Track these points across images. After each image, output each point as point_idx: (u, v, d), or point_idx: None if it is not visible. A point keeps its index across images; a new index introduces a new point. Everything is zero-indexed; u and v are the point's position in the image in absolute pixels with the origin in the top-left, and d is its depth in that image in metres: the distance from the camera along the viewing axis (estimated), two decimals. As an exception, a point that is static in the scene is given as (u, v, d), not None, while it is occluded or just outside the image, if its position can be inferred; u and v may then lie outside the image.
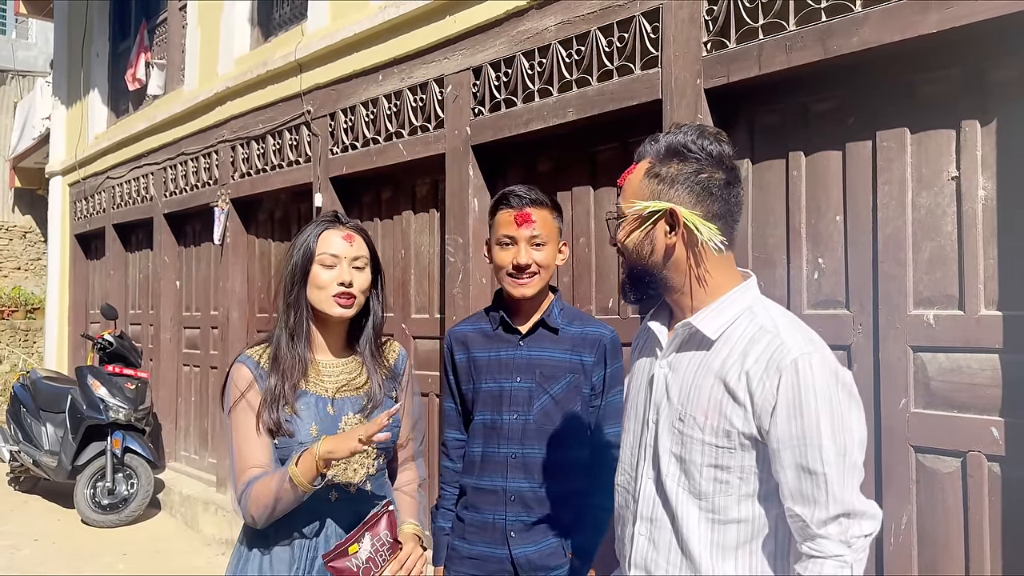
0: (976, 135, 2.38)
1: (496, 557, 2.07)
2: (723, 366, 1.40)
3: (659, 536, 1.46)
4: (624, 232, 1.48)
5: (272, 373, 1.87)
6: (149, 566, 5.13)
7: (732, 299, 1.45)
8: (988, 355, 2.33)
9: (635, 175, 1.48)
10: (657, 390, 1.50)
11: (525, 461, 2.07)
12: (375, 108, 4.54)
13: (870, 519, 1.34)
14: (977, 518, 2.33)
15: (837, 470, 1.32)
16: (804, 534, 1.35)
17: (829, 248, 2.69)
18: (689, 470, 1.42)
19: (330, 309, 1.89)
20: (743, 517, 1.40)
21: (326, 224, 1.94)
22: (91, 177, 8.51)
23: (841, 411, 1.33)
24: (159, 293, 7.09)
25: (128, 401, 6.10)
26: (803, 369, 1.33)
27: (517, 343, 2.13)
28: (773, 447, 1.35)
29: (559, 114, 3.43)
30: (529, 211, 2.07)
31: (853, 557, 1.32)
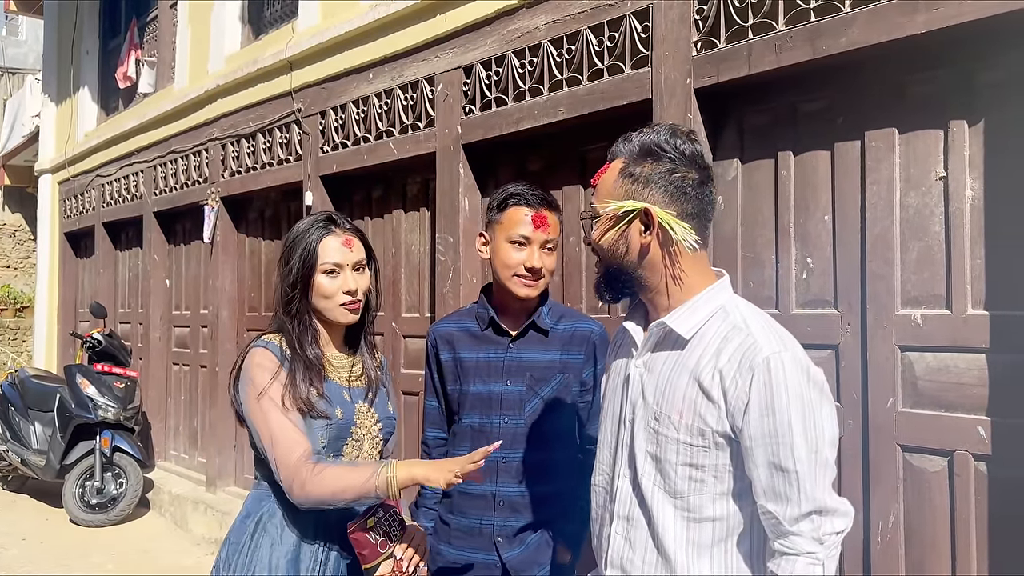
0: (964, 135, 2.39)
1: (484, 563, 2.04)
2: (697, 365, 1.41)
3: (635, 535, 1.46)
4: (599, 232, 1.48)
5: (298, 364, 1.86)
6: (138, 566, 5.10)
7: (705, 298, 1.46)
8: (975, 355, 2.34)
9: (609, 174, 1.48)
10: (633, 389, 1.51)
11: (515, 465, 2.04)
12: (366, 106, 4.53)
13: (842, 516, 1.36)
14: (964, 517, 2.34)
15: (809, 467, 1.33)
16: (776, 531, 1.36)
17: (818, 248, 2.70)
18: (664, 469, 1.43)
19: (341, 318, 1.91)
20: (718, 515, 1.41)
21: (323, 229, 1.90)
22: (81, 175, 8.47)
23: (812, 408, 1.35)
24: (149, 292, 7.06)
25: (117, 400, 6.07)
26: (775, 367, 1.34)
27: (507, 345, 2.09)
28: (746, 445, 1.36)
29: (550, 113, 3.43)
30: (546, 214, 2.05)
31: (825, 554, 1.33)
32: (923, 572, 2.41)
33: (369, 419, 1.93)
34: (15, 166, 13.17)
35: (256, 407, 1.80)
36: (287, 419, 1.78)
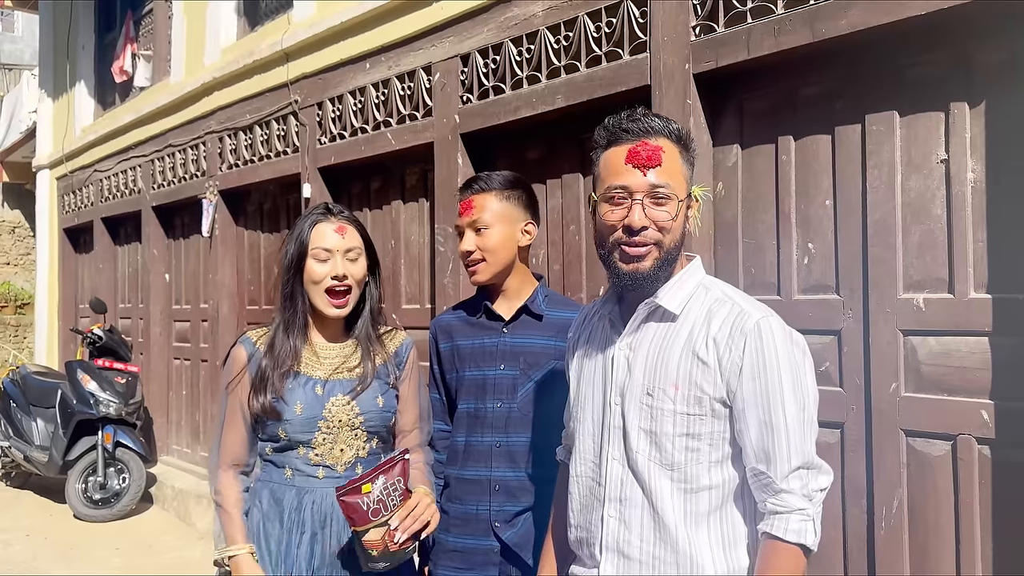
0: (965, 117, 2.37)
1: (482, 548, 2.05)
2: (690, 336, 1.47)
3: (630, 515, 1.49)
4: (677, 214, 1.47)
5: (266, 356, 1.94)
6: (142, 560, 5.11)
7: (687, 276, 1.54)
8: (978, 338, 2.33)
9: (673, 157, 1.48)
10: (618, 372, 1.53)
11: (510, 449, 2.06)
12: (363, 97, 4.50)
13: (825, 474, 1.43)
14: (968, 501, 2.33)
15: (798, 423, 1.40)
16: (768, 490, 1.41)
17: (819, 233, 2.68)
18: (660, 442, 1.46)
19: (325, 309, 1.95)
20: (714, 483, 1.46)
21: (318, 216, 1.97)
22: (78, 170, 8.45)
23: (799, 369, 1.43)
24: (148, 286, 7.05)
25: (118, 395, 6.07)
26: (765, 331, 1.42)
27: (500, 330, 2.11)
28: (739, 407, 1.43)
29: (548, 101, 3.40)
30: (471, 198, 2.09)
31: (814, 511, 1.40)
32: (927, 556, 2.41)
33: (346, 412, 1.94)
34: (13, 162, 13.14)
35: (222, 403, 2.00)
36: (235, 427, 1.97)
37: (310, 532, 1.90)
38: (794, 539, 1.37)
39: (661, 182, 1.45)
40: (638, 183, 1.45)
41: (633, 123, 1.48)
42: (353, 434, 1.95)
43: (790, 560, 1.38)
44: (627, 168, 1.46)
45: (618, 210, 1.46)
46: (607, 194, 1.48)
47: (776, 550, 1.38)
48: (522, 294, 2.13)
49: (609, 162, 1.49)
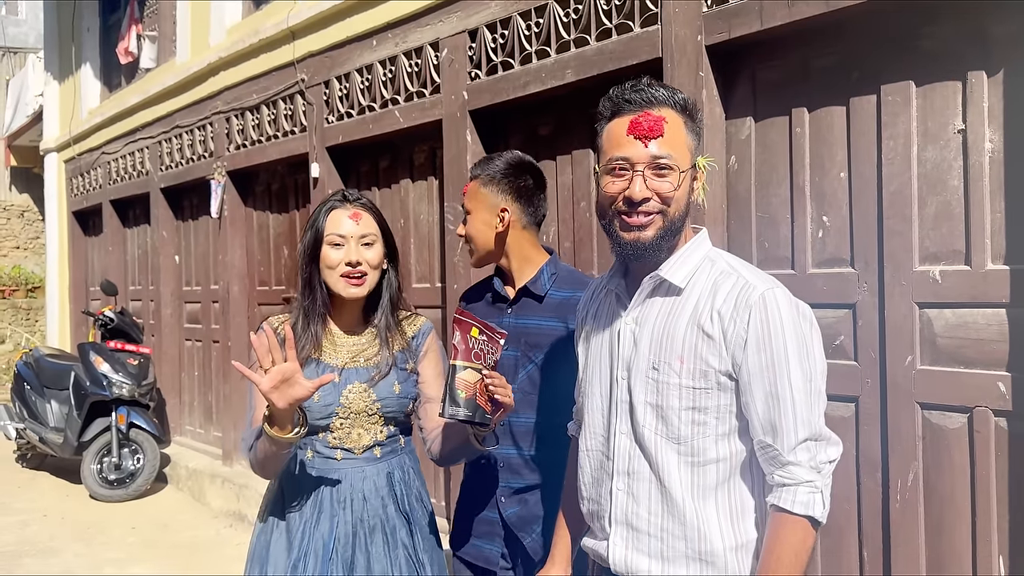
0: (983, 86, 2.33)
1: (487, 519, 2.13)
2: (695, 310, 1.46)
3: (638, 488, 1.50)
4: (680, 185, 1.46)
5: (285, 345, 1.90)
6: (159, 539, 5.17)
7: (693, 248, 1.53)
8: (995, 310, 2.31)
9: (676, 127, 1.47)
10: (624, 346, 1.53)
11: (512, 429, 2.10)
12: (370, 75, 4.47)
13: (834, 445, 1.42)
14: (984, 473, 2.32)
15: (804, 394, 1.39)
16: (775, 463, 1.40)
17: (834, 206, 2.65)
18: (667, 416, 1.46)
19: (342, 291, 1.95)
20: (721, 456, 1.46)
21: (334, 203, 1.99)
22: (86, 153, 8.45)
23: (805, 340, 1.41)
24: (158, 268, 7.07)
25: (131, 377, 6.10)
26: (770, 302, 1.41)
27: (505, 311, 2.14)
28: (745, 380, 1.42)
29: (557, 75, 3.37)
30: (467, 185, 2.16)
31: (822, 483, 1.39)
32: (942, 530, 2.40)
33: (363, 400, 1.96)
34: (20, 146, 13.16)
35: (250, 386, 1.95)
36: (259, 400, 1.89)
37: (329, 512, 1.92)
38: (802, 511, 1.37)
39: (663, 153, 1.44)
40: (639, 154, 1.44)
41: (636, 93, 1.47)
42: (371, 420, 1.97)
43: (798, 532, 1.37)
44: (628, 139, 1.45)
45: (619, 181, 1.46)
46: (608, 166, 1.47)
47: (784, 522, 1.38)
48: (524, 274, 2.14)
49: (611, 134, 1.49)
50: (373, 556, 1.92)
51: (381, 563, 1.92)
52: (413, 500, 2.03)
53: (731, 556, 1.45)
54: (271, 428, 1.76)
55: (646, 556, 1.48)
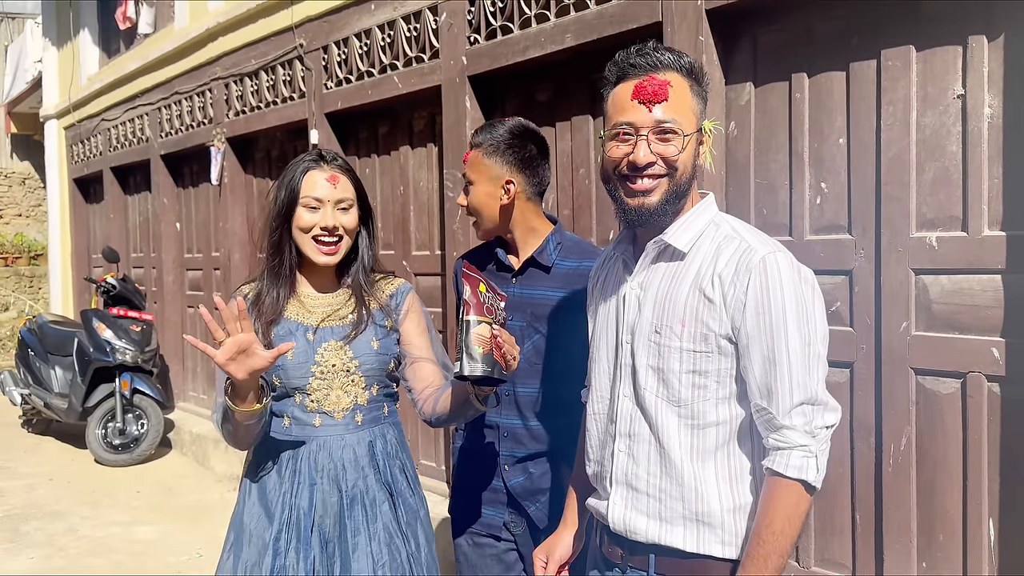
0: (983, 51, 2.32)
1: (490, 488, 2.13)
2: (698, 274, 1.47)
3: (638, 450, 1.51)
4: (684, 148, 1.45)
5: (252, 308, 1.89)
6: (163, 502, 5.24)
7: (698, 213, 1.53)
8: (990, 276, 2.31)
9: (682, 91, 1.46)
10: (629, 310, 1.55)
11: (517, 398, 2.08)
12: (368, 40, 4.44)
13: (832, 411, 1.42)
14: (976, 437, 2.35)
15: (802, 358, 1.39)
16: (770, 426, 1.41)
17: (832, 172, 2.65)
18: (668, 379, 1.47)
19: (314, 257, 1.89)
20: (721, 420, 1.47)
21: (309, 164, 1.90)
22: (86, 120, 8.41)
23: (806, 304, 1.41)
24: (160, 235, 7.08)
25: (134, 343, 6.14)
26: (771, 266, 1.41)
27: (510, 280, 2.11)
28: (743, 343, 1.42)
29: (557, 40, 3.35)
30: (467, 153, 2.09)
31: (817, 448, 1.39)
32: (933, 493, 2.43)
33: (339, 357, 1.90)
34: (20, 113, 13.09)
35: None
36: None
37: (308, 482, 1.87)
38: (795, 475, 1.38)
39: (667, 117, 1.43)
40: (643, 119, 1.43)
41: (641, 58, 1.45)
42: (349, 379, 1.91)
43: (791, 496, 1.38)
44: (633, 104, 1.44)
45: (623, 146, 1.45)
46: (613, 131, 1.47)
47: (777, 485, 1.39)
48: (530, 244, 2.10)
49: (616, 99, 1.48)
50: (350, 529, 1.87)
51: (361, 535, 1.87)
52: (396, 471, 1.96)
53: (728, 517, 1.46)
54: (233, 401, 1.72)
55: (644, 516, 1.50)
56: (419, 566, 1.93)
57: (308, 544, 1.84)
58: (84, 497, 5.34)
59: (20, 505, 5.18)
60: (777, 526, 1.38)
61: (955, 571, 2.40)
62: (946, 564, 2.42)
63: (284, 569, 1.82)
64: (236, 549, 1.90)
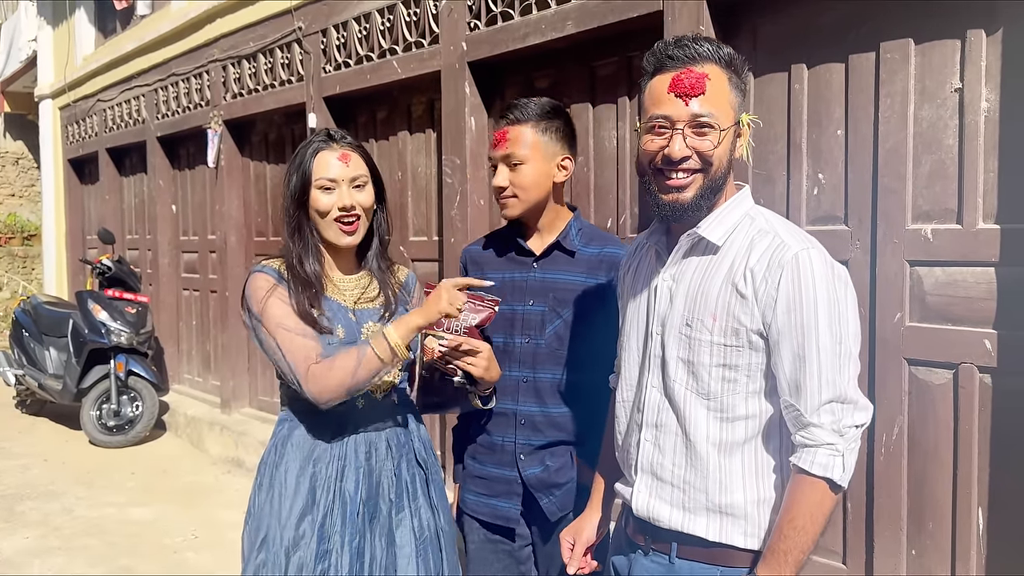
0: (981, 45, 2.33)
1: (505, 478, 2.05)
2: (731, 268, 1.45)
3: (664, 440, 1.52)
4: (720, 143, 1.43)
5: (295, 283, 1.85)
6: (158, 483, 5.26)
7: (733, 206, 1.51)
8: (984, 268, 2.34)
9: (720, 83, 1.43)
10: (661, 302, 1.54)
11: (536, 385, 2.03)
12: (368, 23, 4.43)
13: (862, 410, 1.41)
14: (967, 428, 2.38)
15: (832, 356, 1.38)
16: (798, 423, 1.41)
17: (830, 163, 2.67)
18: (697, 372, 1.47)
19: (337, 239, 1.87)
20: (750, 413, 1.46)
21: (320, 144, 1.88)
22: (81, 100, 8.37)
23: (838, 302, 1.39)
24: (155, 217, 7.06)
25: (129, 325, 6.14)
26: (803, 263, 1.39)
27: (531, 265, 2.06)
28: (774, 339, 1.41)
29: (557, 27, 3.35)
30: (506, 129, 1.99)
31: (845, 446, 1.38)
32: (924, 482, 2.47)
33: None
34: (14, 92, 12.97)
35: (262, 324, 1.83)
36: (293, 327, 1.79)
37: (354, 465, 1.86)
38: (820, 472, 1.37)
39: (704, 111, 1.41)
40: (680, 112, 1.42)
41: (679, 49, 1.43)
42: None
43: (815, 494, 1.38)
44: (670, 97, 1.42)
45: (658, 139, 1.44)
46: (649, 123, 1.45)
47: (802, 482, 1.39)
48: (555, 228, 2.06)
49: (653, 91, 1.46)
50: (395, 506, 1.89)
51: (404, 512, 1.89)
52: (427, 449, 2.00)
53: (752, 509, 1.46)
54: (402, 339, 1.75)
55: (668, 505, 1.51)
56: (448, 538, 1.97)
57: (354, 526, 1.83)
58: (79, 478, 5.35)
59: (15, 485, 5.19)
60: (799, 522, 1.38)
61: (944, 559, 2.44)
62: (935, 552, 2.45)
63: (328, 555, 1.82)
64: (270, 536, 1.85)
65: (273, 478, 1.88)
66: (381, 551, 1.86)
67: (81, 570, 3.88)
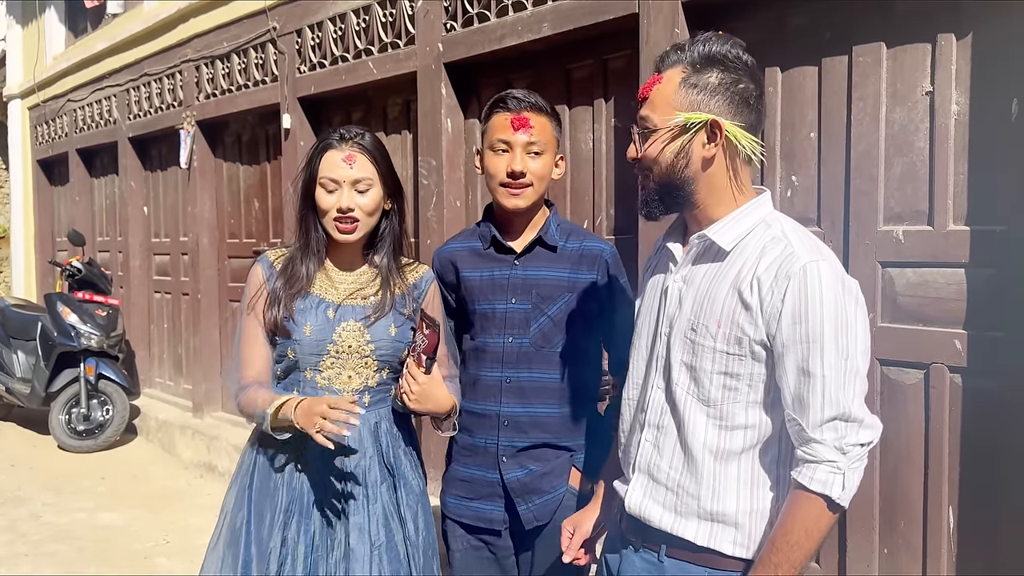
0: (952, 49, 2.36)
1: (487, 480, 2.02)
2: (737, 276, 1.42)
3: (664, 442, 1.51)
4: (658, 144, 1.44)
5: (280, 277, 1.93)
6: (128, 489, 5.18)
7: (748, 211, 1.47)
8: (954, 269, 2.37)
9: (667, 85, 1.44)
10: (671, 303, 1.53)
11: (520, 385, 1.98)
12: (343, 24, 4.40)
13: (868, 428, 1.36)
14: (938, 427, 2.40)
15: (836, 372, 1.34)
16: (800, 438, 1.37)
17: (803, 166, 2.69)
18: (699, 378, 1.45)
19: (334, 234, 1.91)
20: (750, 423, 1.44)
21: (330, 142, 1.90)
22: (51, 100, 8.24)
23: (847, 317, 1.35)
24: (127, 219, 6.96)
25: (99, 328, 6.04)
26: (811, 274, 1.35)
27: (512, 262, 2.00)
28: (778, 351, 1.38)
29: (534, 29, 3.35)
30: (527, 115, 1.93)
31: (847, 464, 1.34)
32: (896, 481, 2.49)
33: (356, 339, 1.89)
34: (-18, 93, 12.76)
35: (240, 321, 1.98)
36: (255, 343, 1.93)
37: (312, 459, 1.88)
38: (819, 489, 1.33)
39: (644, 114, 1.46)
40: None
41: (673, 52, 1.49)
42: (363, 362, 1.91)
43: (812, 509, 1.34)
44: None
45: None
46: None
47: (800, 497, 1.36)
48: (535, 224, 2.02)
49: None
50: (351, 508, 1.87)
51: (360, 515, 1.87)
52: (399, 452, 1.97)
53: (744, 519, 1.45)
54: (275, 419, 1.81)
55: (660, 507, 1.51)
56: (415, 548, 1.93)
57: (309, 519, 1.87)
58: (47, 483, 5.25)
59: (-20, 491, 5.09)
60: (793, 537, 1.35)
61: (915, 558, 2.46)
62: (906, 551, 2.48)
63: (287, 543, 1.85)
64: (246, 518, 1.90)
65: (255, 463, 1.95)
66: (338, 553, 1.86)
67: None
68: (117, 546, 4.18)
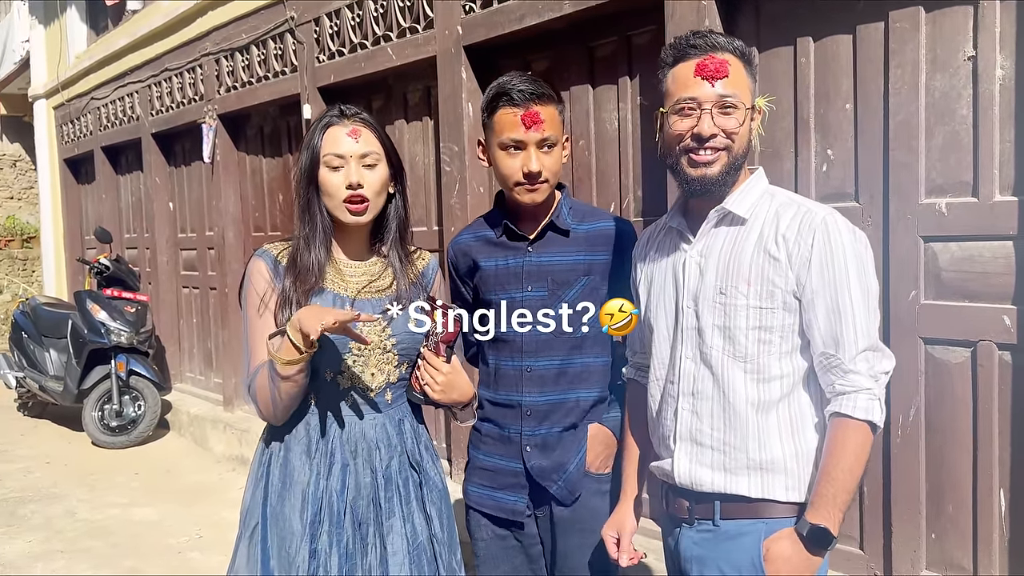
0: (995, 10, 2.25)
1: (511, 470, 1.99)
2: (761, 236, 1.57)
3: (702, 407, 1.61)
4: (746, 123, 1.56)
5: (288, 274, 1.78)
6: (162, 484, 5.21)
7: (753, 183, 1.63)
8: (1002, 242, 2.27)
9: (739, 69, 1.56)
10: (690, 277, 1.63)
11: (541, 373, 1.95)
12: (361, 10, 4.35)
13: (888, 358, 1.53)
14: (986, 407, 2.31)
15: (864, 309, 1.50)
16: (836, 371, 1.51)
17: (839, 138, 2.59)
18: (735, 336, 1.56)
19: (342, 216, 1.78)
20: (784, 372, 1.56)
21: (331, 119, 1.78)
22: (75, 99, 8.29)
23: (863, 260, 1.52)
24: (153, 215, 6.99)
25: (129, 324, 6.08)
26: (831, 225, 1.52)
27: (525, 250, 1.95)
28: (808, 298, 1.52)
29: (554, 7, 3.26)
30: (536, 109, 1.83)
31: (880, 391, 1.50)
32: (943, 463, 2.40)
33: (378, 334, 1.80)
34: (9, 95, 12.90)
35: (244, 318, 1.82)
36: (261, 339, 1.76)
37: (340, 463, 1.78)
38: (863, 416, 1.47)
39: (729, 92, 1.53)
40: (707, 94, 1.53)
41: (699, 39, 1.56)
42: (384, 358, 1.81)
43: (859, 436, 1.48)
44: (696, 80, 1.54)
45: (687, 120, 1.55)
46: (676, 106, 1.56)
47: (845, 427, 1.48)
48: (547, 208, 1.96)
49: (678, 77, 1.57)
50: (385, 511, 1.80)
51: (395, 517, 1.80)
52: (422, 449, 1.90)
53: (792, 463, 1.55)
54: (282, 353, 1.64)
55: (709, 469, 1.59)
56: (442, 546, 1.86)
57: (341, 527, 1.76)
58: (81, 480, 5.30)
59: (17, 488, 5.14)
60: (846, 463, 1.47)
61: (965, 542, 2.37)
62: (955, 535, 2.39)
63: (317, 554, 1.74)
64: (262, 533, 1.80)
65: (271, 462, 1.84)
66: (374, 557, 1.78)
67: (85, 573, 3.83)
68: (151, 541, 4.20)
